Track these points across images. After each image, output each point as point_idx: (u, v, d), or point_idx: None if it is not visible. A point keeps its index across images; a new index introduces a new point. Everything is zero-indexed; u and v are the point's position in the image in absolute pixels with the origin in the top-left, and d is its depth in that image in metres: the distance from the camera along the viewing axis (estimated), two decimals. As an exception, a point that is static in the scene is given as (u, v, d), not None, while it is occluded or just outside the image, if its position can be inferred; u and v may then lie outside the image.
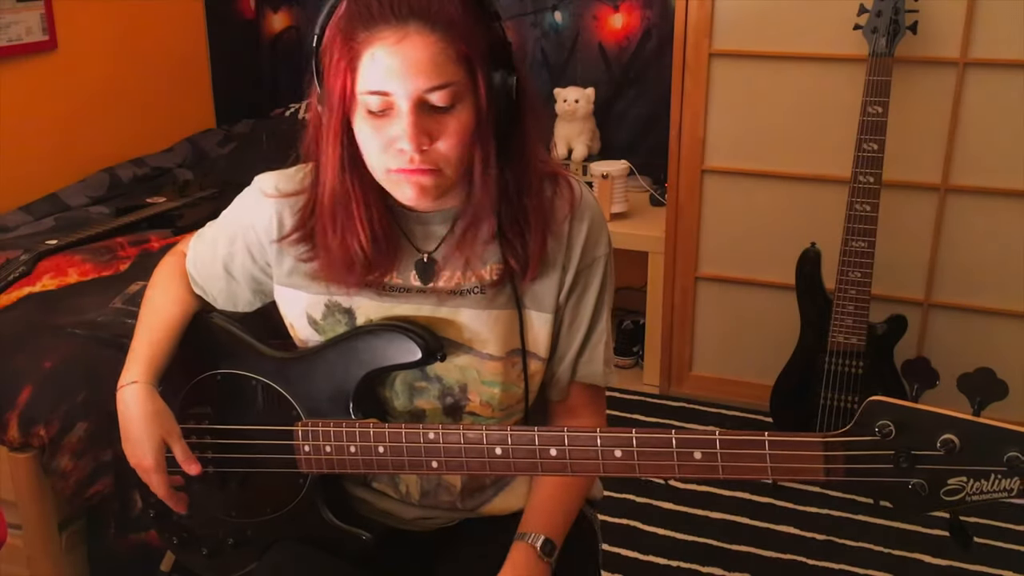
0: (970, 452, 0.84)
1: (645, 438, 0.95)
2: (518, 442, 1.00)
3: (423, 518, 1.23)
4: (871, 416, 0.87)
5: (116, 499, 1.84)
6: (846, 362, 2.32)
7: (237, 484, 1.20)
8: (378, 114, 0.98)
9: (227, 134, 3.58)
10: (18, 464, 1.80)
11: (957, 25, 2.33)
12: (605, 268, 1.16)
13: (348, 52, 0.96)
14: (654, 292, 2.87)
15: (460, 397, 1.14)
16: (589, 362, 1.19)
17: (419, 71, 0.95)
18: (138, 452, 1.13)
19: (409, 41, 0.94)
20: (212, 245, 1.23)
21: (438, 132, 0.99)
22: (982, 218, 2.47)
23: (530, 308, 1.13)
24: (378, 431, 1.06)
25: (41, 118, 2.94)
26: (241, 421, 1.18)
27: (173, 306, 1.23)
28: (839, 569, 2.11)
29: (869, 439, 0.87)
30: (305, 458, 1.12)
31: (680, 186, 2.73)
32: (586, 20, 3.25)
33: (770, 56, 2.54)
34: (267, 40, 3.81)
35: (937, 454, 0.85)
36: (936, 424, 0.86)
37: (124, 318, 2.04)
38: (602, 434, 0.96)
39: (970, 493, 0.85)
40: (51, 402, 1.79)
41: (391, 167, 1.01)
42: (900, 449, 0.86)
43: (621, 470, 0.97)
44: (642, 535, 2.23)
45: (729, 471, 0.93)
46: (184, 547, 1.27)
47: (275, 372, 1.16)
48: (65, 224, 2.64)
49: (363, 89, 0.97)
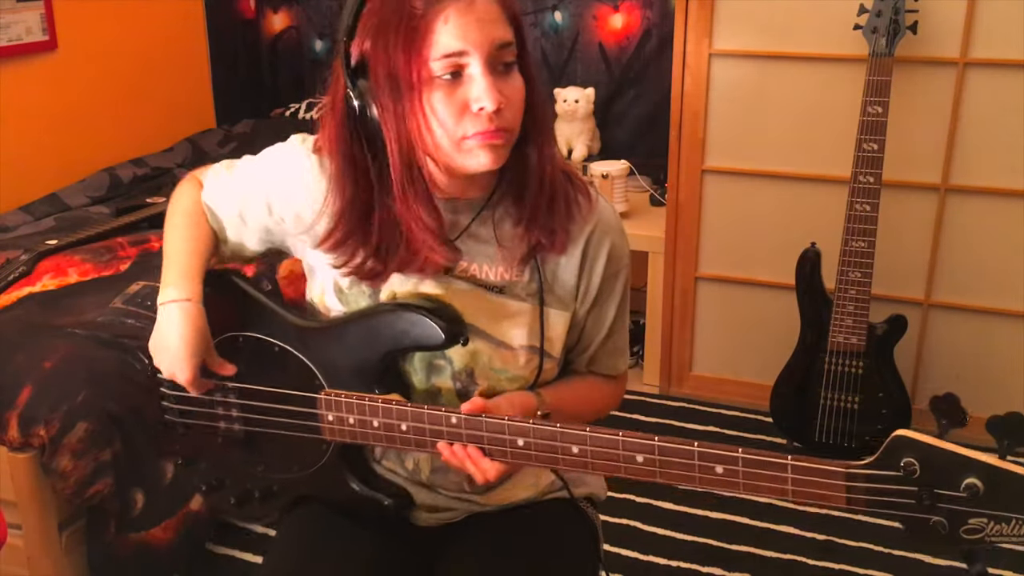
0: (993, 497, 0.84)
1: (668, 447, 0.96)
2: (540, 436, 1.01)
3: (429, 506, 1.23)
4: (896, 451, 0.87)
5: (116, 499, 1.84)
6: (846, 362, 2.32)
7: (263, 441, 1.21)
8: (450, 81, 1.00)
9: (227, 134, 3.58)
10: (18, 464, 1.80)
11: (957, 25, 2.34)
12: (626, 276, 1.22)
13: (415, 24, 0.99)
14: (654, 292, 2.87)
15: (468, 383, 1.15)
16: (609, 355, 1.26)
17: (489, 29, 1.00)
18: (177, 367, 1.15)
19: (477, 4, 1.00)
20: (231, 187, 1.23)
21: (507, 92, 1.02)
22: (982, 218, 2.47)
23: (550, 306, 1.16)
24: (401, 409, 1.07)
25: (41, 118, 2.94)
26: (262, 384, 1.19)
27: (203, 232, 1.23)
28: (839, 569, 2.11)
29: (893, 474, 0.87)
30: (328, 427, 1.13)
31: (680, 186, 2.73)
32: (586, 20, 3.25)
33: (770, 56, 2.54)
34: (267, 40, 3.81)
35: (960, 495, 0.85)
36: (961, 466, 0.85)
37: (124, 318, 2.04)
38: (624, 438, 0.97)
39: (990, 535, 0.86)
40: (51, 402, 1.79)
41: (468, 132, 1.02)
42: (923, 487, 0.87)
43: (641, 474, 0.97)
44: (642, 535, 2.23)
45: (750, 488, 0.93)
46: (212, 494, 1.28)
47: (297, 339, 1.17)
48: (65, 224, 2.64)
49: (437, 55, 0.99)
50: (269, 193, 1.19)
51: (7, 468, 1.81)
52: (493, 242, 1.13)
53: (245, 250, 1.26)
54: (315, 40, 3.74)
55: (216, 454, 1.25)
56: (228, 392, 1.21)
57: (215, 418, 1.23)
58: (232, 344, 1.20)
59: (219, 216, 1.24)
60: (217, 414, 1.22)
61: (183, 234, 1.22)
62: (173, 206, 1.26)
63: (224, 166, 1.26)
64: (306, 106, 3.58)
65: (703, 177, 2.71)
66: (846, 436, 2.37)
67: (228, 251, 1.26)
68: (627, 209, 2.95)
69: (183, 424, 1.26)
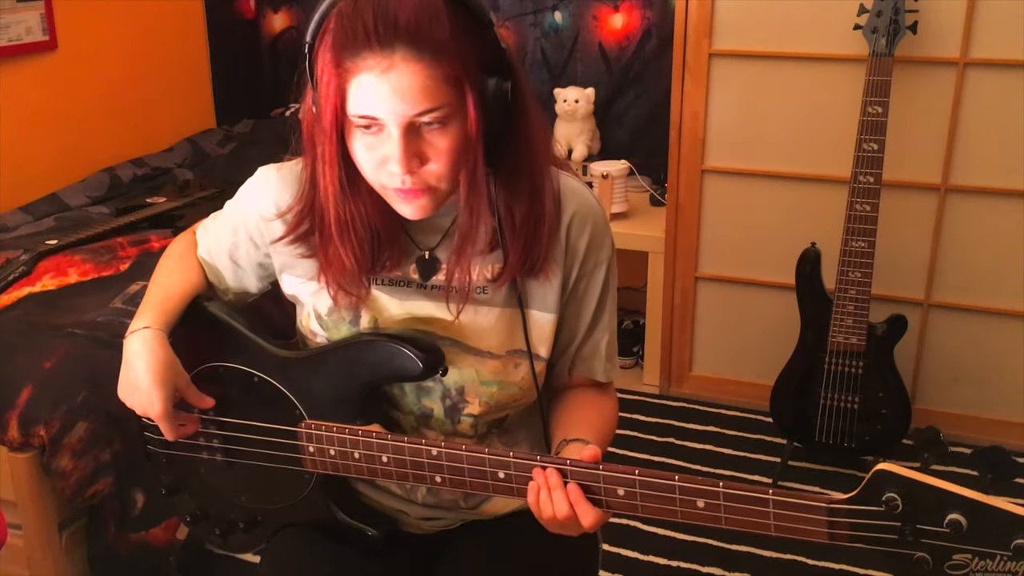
0: (977, 533, 0.83)
1: (648, 481, 0.94)
2: (520, 469, 0.99)
3: (427, 518, 1.24)
4: (878, 486, 0.86)
5: (116, 499, 1.84)
6: (846, 362, 2.32)
7: (245, 472, 1.20)
8: (367, 131, 0.98)
9: (227, 134, 3.58)
10: (18, 464, 1.80)
11: (957, 25, 2.33)
12: (608, 271, 1.17)
13: (336, 76, 0.95)
14: (654, 292, 2.87)
15: (458, 400, 1.14)
16: (589, 358, 1.19)
17: (407, 98, 0.94)
18: (145, 401, 1.12)
19: (396, 69, 0.93)
20: (217, 234, 1.24)
21: (429, 152, 0.98)
22: (982, 218, 2.47)
23: (532, 308, 1.14)
24: (382, 441, 1.06)
25: (41, 118, 2.94)
26: (242, 415, 1.18)
27: (189, 274, 1.23)
28: (839, 569, 2.11)
29: (875, 509, 0.86)
30: (310, 458, 1.12)
31: (680, 186, 2.73)
32: (586, 20, 3.25)
33: (770, 56, 2.54)
34: (267, 40, 3.81)
35: (943, 531, 0.84)
36: (944, 502, 0.84)
37: (124, 318, 2.04)
38: (605, 472, 0.95)
39: (974, 570, 0.85)
40: (51, 402, 1.79)
41: (386, 185, 1.01)
42: (906, 523, 0.85)
43: (623, 508, 0.96)
44: (642, 535, 2.23)
45: (732, 523, 0.92)
46: (197, 523, 1.28)
47: (277, 370, 1.16)
48: (65, 224, 2.64)
49: (353, 112, 0.97)
50: (248, 227, 1.19)
51: (7, 468, 1.81)
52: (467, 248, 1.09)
53: (249, 294, 1.27)
54: (315, 40, 3.74)
55: (199, 484, 1.25)
56: (209, 424, 1.20)
57: (197, 449, 1.22)
58: (212, 375, 1.19)
59: (217, 268, 1.25)
60: (199, 445, 1.21)
61: (162, 275, 1.24)
62: (163, 255, 1.28)
63: (210, 219, 1.28)
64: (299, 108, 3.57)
65: (703, 177, 2.71)
66: (846, 436, 2.37)
67: (233, 297, 1.27)
68: (627, 209, 2.95)
69: (166, 456, 1.25)
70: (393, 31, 0.92)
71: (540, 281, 1.12)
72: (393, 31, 0.92)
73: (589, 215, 1.13)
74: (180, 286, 1.21)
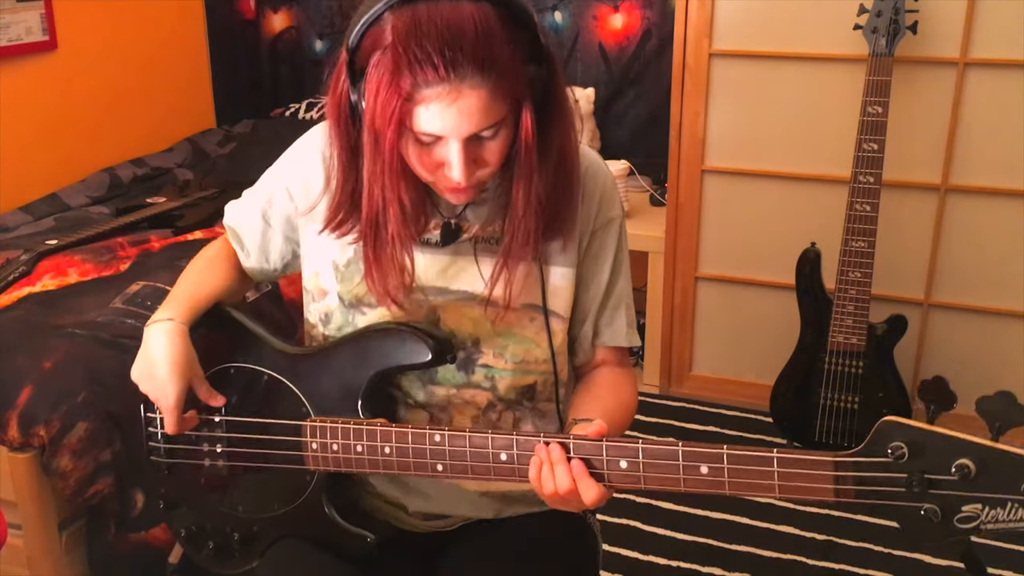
0: (986, 479, 0.81)
1: (651, 449, 0.94)
2: (523, 448, 1.00)
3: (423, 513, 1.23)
4: (884, 437, 0.84)
5: (116, 499, 1.84)
6: (846, 362, 2.32)
7: (245, 478, 1.20)
8: (427, 143, 1.00)
9: (227, 134, 3.59)
10: (18, 464, 1.79)
11: (957, 25, 2.34)
12: (620, 230, 1.20)
13: (400, 100, 0.95)
14: (654, 292, 2.87)
15: (473, 351, 1.15)
16: (610, 324, 1.22)
17: (473, 120, 0.97)
18: (159, 390, 1.14)
19: (464, 96, 0.95)
20: (254, 193, 1.28)
21: (483, 158, 1.02)
22: (982, 218, 2.47)
23: (551, 264, 1.16)
24: (385, 431, 1.07)
25: (41, 118, 2.94)
26: (251, 415, 1.19)
27: (219, 276, 1.27)
28: (839, 569, 2.11)
29: (881, 460, 0.85)
30: (312, 455, 1.13)
31: (680, 186, 2.73)
32: (586, 20, 3.25)
33: (770, 56, 2.54)
34: (267, 40, 3.81)
35: (951, 479, 0.82)
36: (951, 448, 0.82)
37: (124, 318, 2.04)
38: (608, 443, 0.96)
39: (985, 521, 0.82)
40: (51, 402, 1.79)
41: (439, 184, 1.05)
42: (913, 472, 0.84)
43: (625, 481, 0.96)
44: (642, 535, 2.23)
45: (736, 487, 0.91)
46: (192, 540, 1.27)
47: (286, 368, 1.17)
48: (65, 224, 2.64)
49: (416, 128, 0.98)
50: (290, 178, 1.22)
51: (7, 468, 1.81)
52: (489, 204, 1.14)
53: (270, 256, 1.28)
54: (315, 40, 3.74)
55: (198, 496, 1.24)
56: (215, 426, 1.20)
57: (200, 455, 1.22)
58: (224, 375, 1.20)
59: (243, 229, 1.28)
60: (202, 451, 1.22)
61: (192, 273, 1.27)
62: (197, 255, 1.32)
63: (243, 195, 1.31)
64: (306, 106, 3.57)
65: (703, 177, 2.71)
66: (846, 436, 2.37)
67: (253, 262, 1.29)
68: (627, 209, 2.95)
69: (168, 464, 1.25)
70: (460, 59, 0.93)
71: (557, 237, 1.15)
72: (460, 59, 0.93)
73: (600, 171, 1.20)
74: (209, 286, 1.24)
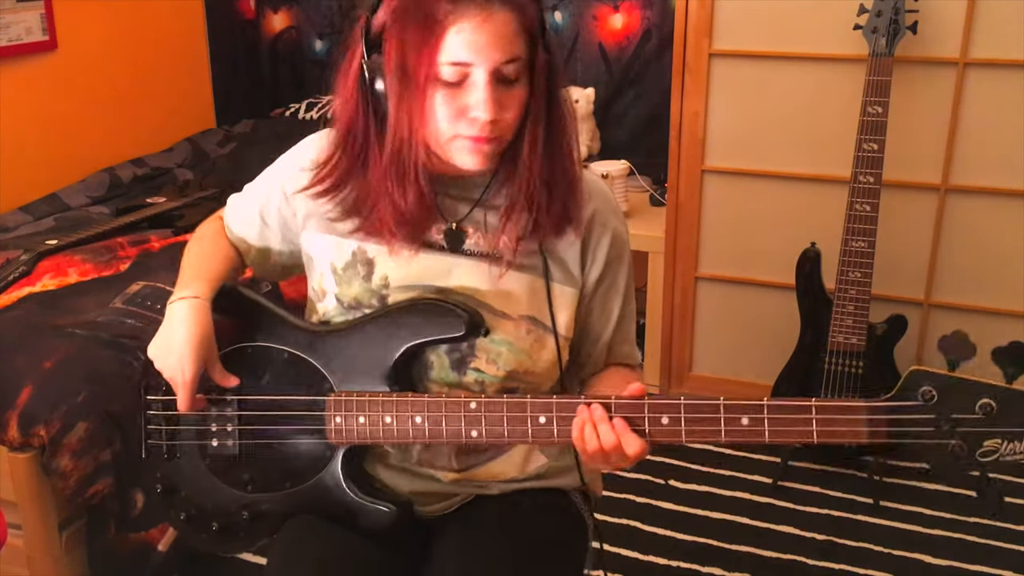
0: (1006, 416, 0.93)
1: (693, 404, 1.01)
2: (563, 410, 1.04)
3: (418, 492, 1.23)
4: (913, 383, 0.95)
5: (116, 499, 1.84)
6: (846, 362, 2.32)
7: (258, 456, 1.20)
8: (453, 84, 1.04)
9: (227, 134, 3.58)
10: (18, 464, 1.80)
11: (957, 25, 2.33)
12: (629, 259, 1.26)
13: (430, 26, 1.01)
14: (654, 292, 2.87)
15: (467, 352, 1.16)
16: (623, 343, 1.29)
17: (500, 45, 1.02)
18: (176, 366, 1.14)
19: (493, 19, 1.01)
20: (251, 192, 1.30)
21: (506, 104, 1.05)
22: (982, 218, 2.47)
23: (556, 281, 1.18)
24: (417, 400, 1.09)
25: (41, 118, 2.94)
26: (267, 393, 1.19)
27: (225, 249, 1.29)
28: (839, 569, 2.11)
29: (912, 404, 0.96)
30: (335, 428, 1.14)
31: (680, 186, 2.73)
32: (586, 20, 3.25)
33: (770, 56, 2.54)
34: (267, 40, 3.81)
35: (976, 417, 0.94)
36: (975, 390, 0.94)
37: (124, 318, 2.04)
38: (650, 401, 1.01)
39: (1004, 454, 0.95)
40: (51, 402, 1.79)
41: (461, 134, 1.06)
42: (941, 413, 0.95)
43: (667, 435, 1.02)
44: (642, 535, 2.23)
45: (775, 435, 0.99)
46: (192, 522, 1.25)
47: (307, 344, 1.17)
48: (65, 224, 2.64)
49: (445, 60, 1.02)
50: (284, 179, 1.24)
51: (7, 468, 1.81)
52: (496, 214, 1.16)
53: (271, 254, 1.29)
54: (315, 40, 3.74)
55: (201, 478, 1.23)
56: (226, 406, 1.20)
57: (207, 435, 1.21)
58: (239, 355, 1.20)
59: (242, 230, 1.29)
60: (209, 431, 1.21)
61: (200, 250, 1.28)
62: (194, 236, 1.32)
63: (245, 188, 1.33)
64: (306, 106, 3.57)
65: (703, 177, 2.71)
66: (846, 436, 2.37)
67: (256, 260, 1.30)
68: (627, 209, 2.95)
69: (168, 448, 1.24)
70: None
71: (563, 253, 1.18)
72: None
73: (610, 211, 1.22)
74: (221, 260, 1.26)
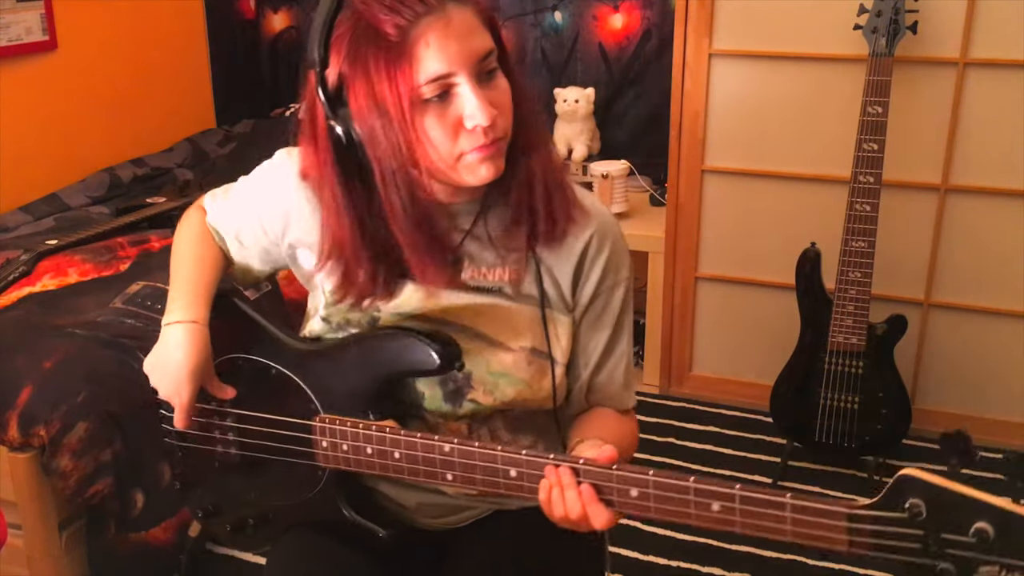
0: (1005, 544, 0.79)
1: (662, 482, 0.92)
2: (533, 468, 0.98)
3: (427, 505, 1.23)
4: (901, 491, 0.82)
5: (116, 499, 1.84)
6: (846, 362, 2.32)
7: (258, 467, 1.20)
8: (437, 101, 0.99)
9: (227, 134, 3.58)
10: (18, 464, 1.80)
11: (957, 25, 2.34)
12: (626, 292, 1.18)
13: (395, 53, 0.96)
14: (654, 292, 2.87)
15: (463, 383, 1.14)
16: (609, 383, 1.20)
17: (472, 39, 0.98)
18: (173, 390, 1.13)
19: (454, 21, 0.97)
20: (227, 211, 1.25)
21: (496, 100, 1.01)
22: (982, 218, 2.47)
23: (553, 308, 1.14)
24: (395, 437, 1.05)
25: (41, 118, 2.94)
26: (258, 407, 1.18)
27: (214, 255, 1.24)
28: (839, 569, 2.11)
29: (897, 516, 0.83)
30: (323, 452, 1.12)
31: (680, 186, 2.73)
32: (586, 20, 3.25)
33: (770, 56, 2.54)
34: (267, 40, 3.81)
35: (969, 541, 0.80)
36: (971, 510, 0.80)
37: (124, 318, 2.04)
38: (618, 472, 0.94)
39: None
40: (51, 402, 1.79)
41: (466, 149, 1.01)
42: (930, 531, 0.82)
43: (635, 509, 0.94)
44: (642, 535, 2.23)
45: (747, 528, 0.89)
46: (209, 519, 1.28)
47: (295, 363, 1.16)
48: (65, 224, 2.65)
49: (424, 79, 0.97)
50: (261, 215, 1.20)
51: (7, 468, 1.81)
52: (490, 243, 1.12)
53: (252, 271, 1.27)
54: (315, 40, 3.74)
55: (212, 479, 1.24)
56: (225, 416, 1.20)
57: (212, 442, 1.22)
58: (231, 367, 1.20)
59: (224, 238, 1.25)
60: (214, 438, 1.21)
61: (191, 257, 1.23)
62: (179, 233, 1.28)
63: (222, 191, 1.28)
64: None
65: (703, 177, 2.71)
66: (846, 436, 2.37)
67: (238, 273, 1.28)
68: (627, 209, 2.95)
69: (181, 447, 1.25)
70: None
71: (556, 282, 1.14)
72: None
73: (609, 234, 1.15)
74: (207, 271, 1.21)
